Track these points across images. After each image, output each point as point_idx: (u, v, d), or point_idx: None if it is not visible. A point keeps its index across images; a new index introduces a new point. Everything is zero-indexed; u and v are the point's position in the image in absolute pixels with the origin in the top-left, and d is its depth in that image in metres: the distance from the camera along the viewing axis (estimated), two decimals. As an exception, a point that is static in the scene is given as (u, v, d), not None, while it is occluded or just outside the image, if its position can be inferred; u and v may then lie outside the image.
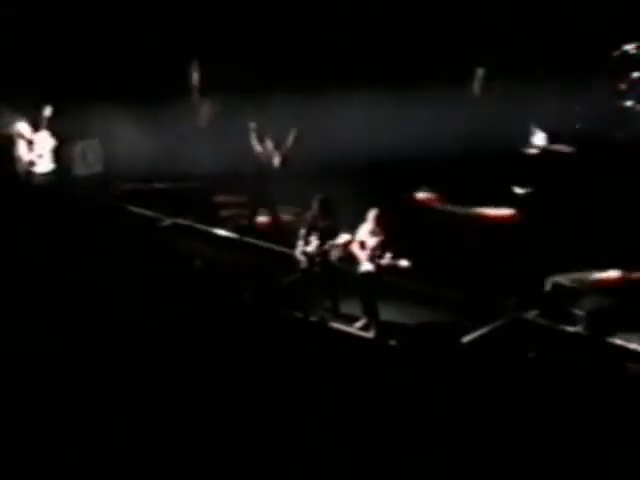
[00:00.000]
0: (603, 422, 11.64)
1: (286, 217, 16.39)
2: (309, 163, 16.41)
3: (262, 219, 16.54)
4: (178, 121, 18.43)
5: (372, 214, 13.19)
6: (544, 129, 18.55)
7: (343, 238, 13.70)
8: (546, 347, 13.37)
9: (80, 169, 17.71)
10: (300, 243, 13.61)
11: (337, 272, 13.87)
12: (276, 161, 16.02)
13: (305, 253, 13.56)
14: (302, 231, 13.88)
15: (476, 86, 19.32)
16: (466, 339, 13.49)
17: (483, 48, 19.07)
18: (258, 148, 16.04)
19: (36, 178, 16.41)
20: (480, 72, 19.41)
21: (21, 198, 16.16)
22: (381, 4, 19.23)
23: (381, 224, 13.23)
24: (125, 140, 17.54)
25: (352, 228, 13.67)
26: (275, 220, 16.13)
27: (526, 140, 18.59)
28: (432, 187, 17.39)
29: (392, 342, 13.51)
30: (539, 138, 18.52)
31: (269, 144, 15.98)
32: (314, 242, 13.46)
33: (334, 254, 13.78)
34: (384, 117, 17.78)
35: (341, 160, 16.62)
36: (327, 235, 13.40)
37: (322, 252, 13.57)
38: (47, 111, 16.14)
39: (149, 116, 17.75)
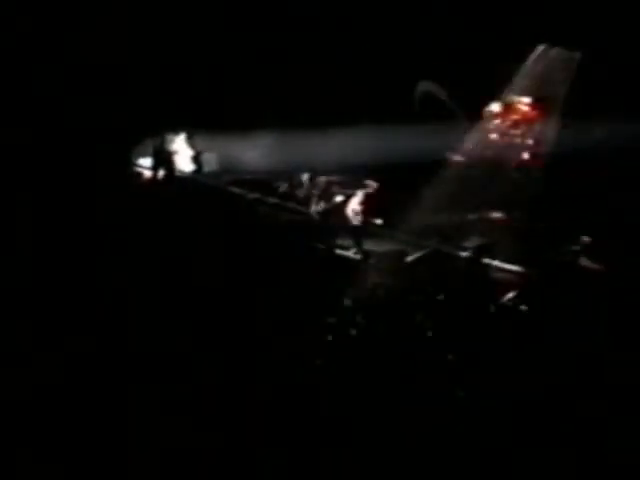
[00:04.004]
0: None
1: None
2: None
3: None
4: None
5: (360, 193, 22.28)
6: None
7: (339, 198, 22.10)
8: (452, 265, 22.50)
9: (207, 168, 25.45)
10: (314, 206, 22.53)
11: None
12: None
13: (317, 212, 22.51)
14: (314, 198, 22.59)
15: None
16: (409, 259, 22.10)
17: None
18: None
19: (184, 174, 24.99)
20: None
21: (177, 183, 24.63)
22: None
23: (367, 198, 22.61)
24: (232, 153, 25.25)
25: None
26: None
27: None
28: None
29: (371, 261, 21.76)
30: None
31: None
32: (321, 204, 22.32)
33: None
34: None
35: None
36: None
37: (326, 211, 22.19)
38: (183, 134, 25.05)
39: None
